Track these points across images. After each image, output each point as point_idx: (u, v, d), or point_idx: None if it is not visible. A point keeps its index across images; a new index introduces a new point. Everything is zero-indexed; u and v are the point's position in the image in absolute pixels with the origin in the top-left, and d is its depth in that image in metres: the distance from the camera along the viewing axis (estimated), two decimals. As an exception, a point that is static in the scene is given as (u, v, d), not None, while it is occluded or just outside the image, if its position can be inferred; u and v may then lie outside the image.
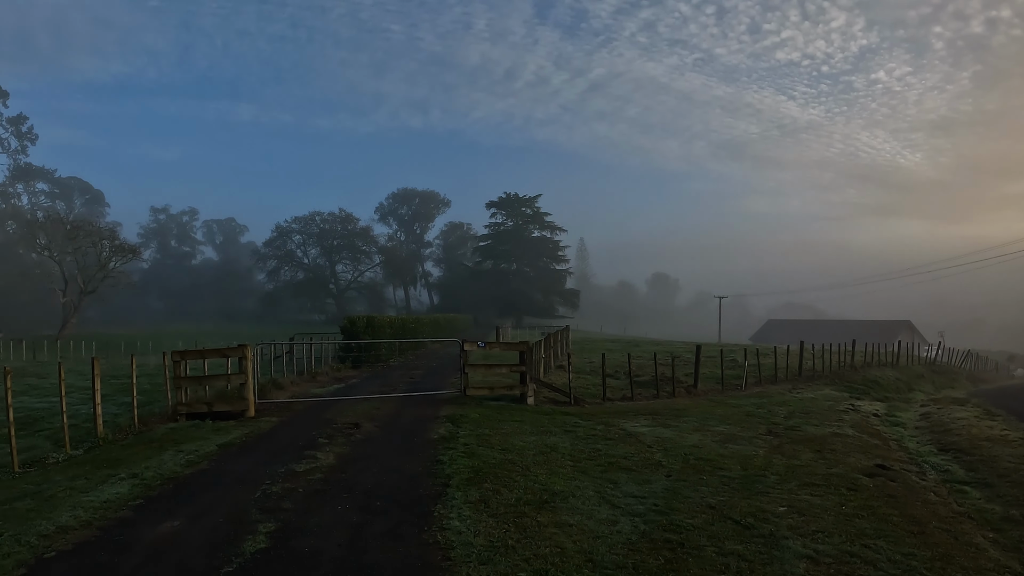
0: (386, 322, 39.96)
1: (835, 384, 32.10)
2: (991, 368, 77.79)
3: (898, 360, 45.99)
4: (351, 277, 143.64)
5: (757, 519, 9.96)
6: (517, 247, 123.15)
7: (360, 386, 25.03)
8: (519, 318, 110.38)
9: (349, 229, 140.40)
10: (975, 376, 61.13)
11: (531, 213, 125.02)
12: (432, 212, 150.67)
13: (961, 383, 50.04)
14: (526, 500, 10.01)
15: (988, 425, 22.51)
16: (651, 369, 26.05)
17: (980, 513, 12.55)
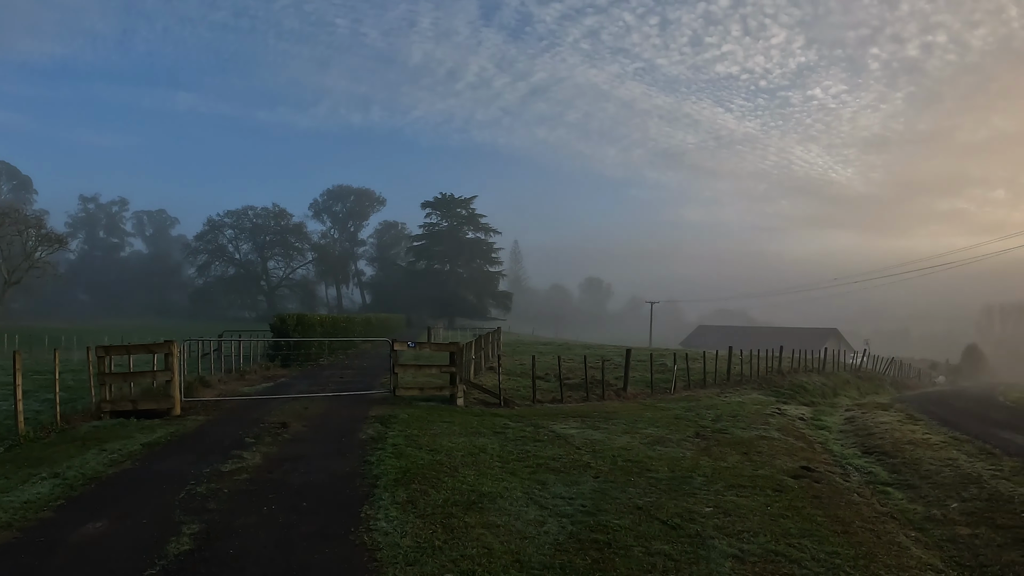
0: (317, 321, 39.58)
1: (763, 389, 32.60)
2: (914, 375, 79.74)
3: (824, 366, 46.92)
4: (283, 274, 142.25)
5: (684, 519, 10.09)
6: (451, 248, 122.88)
7: (290, 385, 24.78)
8: (452, 319, 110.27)
9: (282, 225, 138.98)
10: (899, 383, 62.56)
11: (466, 214, 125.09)
12: (367, 210, 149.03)
13: (885, 389, 51.19)
14: (454, 501, 9.97)
15: (911, 429, 23.02)
16: (581, 372, 26.13)
17: (903, 513, 12.86)
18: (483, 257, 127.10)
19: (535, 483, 11.47)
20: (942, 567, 9.79)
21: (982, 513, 12.79)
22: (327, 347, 37.93)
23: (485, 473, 11.83)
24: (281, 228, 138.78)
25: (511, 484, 11.24)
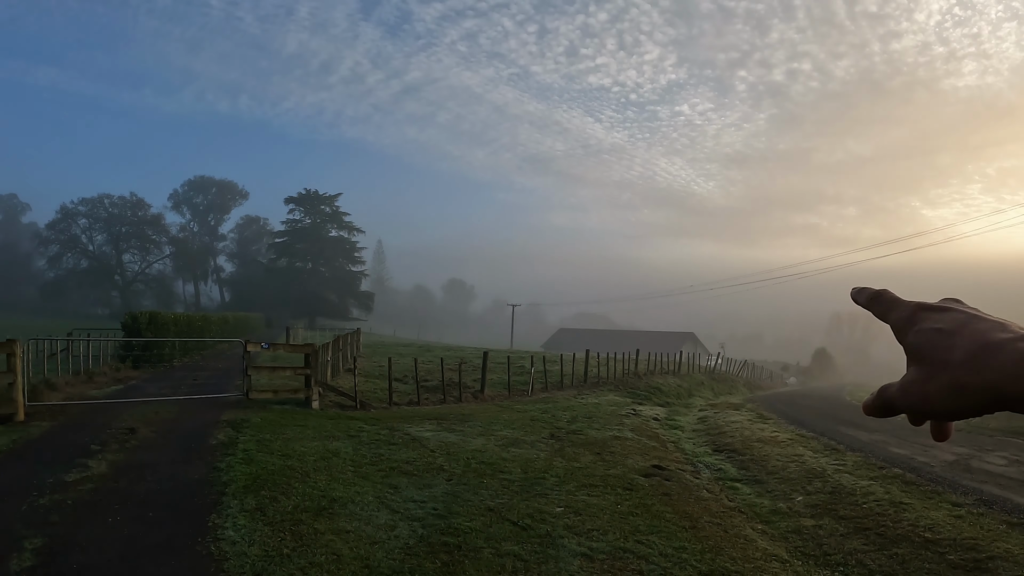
0: (171, 319, 38.30)
1: (619, 390, 33.14)
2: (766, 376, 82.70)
3: (680, 368, 48.13)
4: (139, 269, 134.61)
5: (535, 520, 10.22)
6: (314, 246, 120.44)
7: (140, 388, 23.97)
8: (313, 319, 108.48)
9: (140, 216, 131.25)
10: (752, 384, 64.61)
11: (330, 212, 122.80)
12: (228, 203, 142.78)
13: (739, 390, 52.74)
14: (304, 507, 9.85)
15: (760, 427, 23.74)
16: (440, 374, 26.09)
17: (750, 507, 13.31)
18: (346, 256, 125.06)
19: (388, 487, 11.43)
20: (787, 557, 10.23)
21: (826, 505, 13.42)
22: (181, 348, 36.85)
23: (337, 478, 11.72)
24: (138, 219, 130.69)
25: (363, 488, 11.18)
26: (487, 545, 8.87)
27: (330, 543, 8.44)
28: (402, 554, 8.32)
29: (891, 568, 10.13)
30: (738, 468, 17.32)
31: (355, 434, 15.92)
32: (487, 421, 19.61)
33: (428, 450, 14.79)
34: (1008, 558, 10.21)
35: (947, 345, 0.76)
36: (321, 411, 19.28)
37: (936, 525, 11.90)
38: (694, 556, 9.35)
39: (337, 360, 28.21)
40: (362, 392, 22.34)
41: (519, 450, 15.79)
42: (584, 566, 8.52)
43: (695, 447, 20.32)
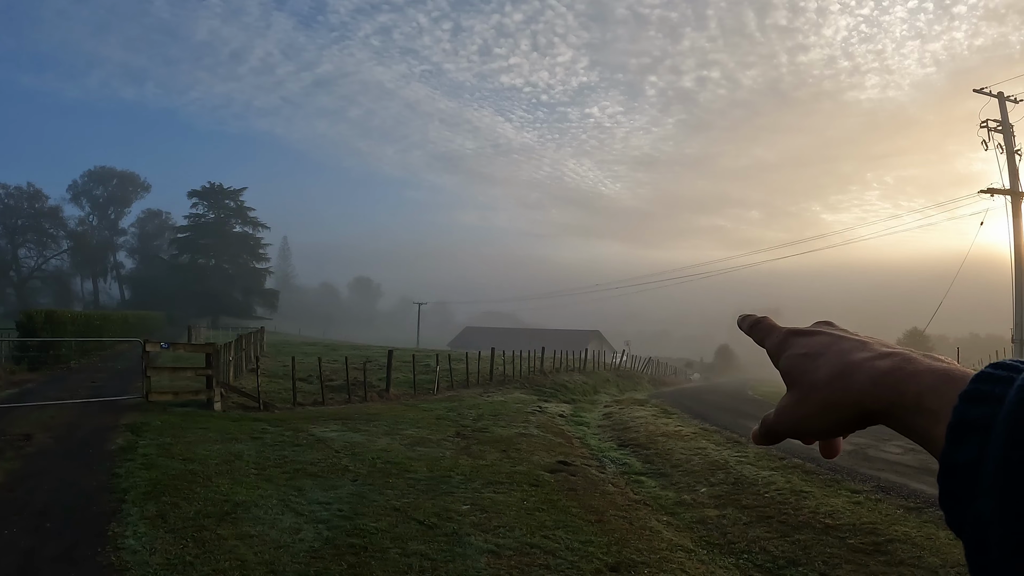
0: (68, 318, 37.13)
1: (525, 388, 33.33)
2: (671, 373, 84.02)
3: (586, 366, 48.47)
4: (35, 264, 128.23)
5: (441, 518, 10.27)
6: (218, 242, 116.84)
7: (37, 392, 23.21)
8: (216, 318, 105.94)
9: (37, 208, 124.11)
10: (657, 380, 65.48)
11: (235, 206, 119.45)
12: (130, 196, 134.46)
13: (644, 386, 53.35)
14: (206, 512, 9.68)
15: (664, 422, 24.06)
16: (345, 373, 25.86)
17: (655, 500, 13.54)
18: (250, 253, 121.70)
19: (292, 489, 11.32)
20: (692, 547, 10.46)
21: (729, 496, 13.76)
22: (80, 348, 35.80)
23: (240, 481, 11.55)
24: (35, 211, 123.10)
25: (267, 492, 11.05)
26: (394, 545, 8.87)
27: (234, 549, 8.32)
28: (308, 557, 8.26)
29: (794, 554, 10.43)
30: (643, 462, 17.58)
31: (258, 436, 15.71)
32: (393, 420, 19.54)
33: (333, 451, 14.69)
34: (906, 540, 10.60)
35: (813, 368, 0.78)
36: (223, 413, 18.91)
37: (836, 512, 12.30)
38: (600, 549, 9.49)
39: (240, 360, 27.74)
40: (266, 393, 22.00)
41: (425, 449, 15.79)
42: (491, 563, 8.57)
43: (600, 443, 20.53)
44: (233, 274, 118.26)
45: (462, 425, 19.80)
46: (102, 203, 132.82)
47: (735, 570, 9.94)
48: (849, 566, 9.86)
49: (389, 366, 28.09)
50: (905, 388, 0.68)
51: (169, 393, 19.68)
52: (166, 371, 21.52)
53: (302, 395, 23.37)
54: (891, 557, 10.04)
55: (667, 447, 19.06)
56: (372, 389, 26.51)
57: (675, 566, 9.41)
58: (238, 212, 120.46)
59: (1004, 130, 36.70)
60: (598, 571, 8.74)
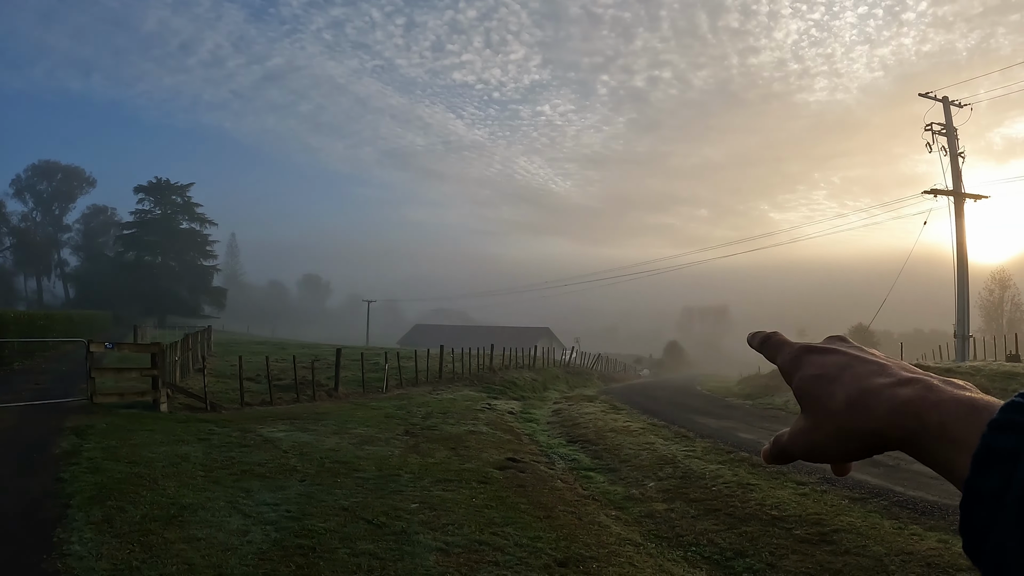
0: (11, 319, 36.37)
1: (475, 385, 33.42)
2: (620, 369, 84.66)
3: (536, 363, 48.61)
4: None
5: (390, 517, 10.28)
6: (164, 239, 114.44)
7: (-23, 395, 22.95)
8: (163, 317, 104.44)
9: None
10: (607, 376, 65.91)
11: (182, 202, 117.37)
12: (75, 191, 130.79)
13: (593, 382, 53.66)
14: (153, 516, 9.53)
15: (613, 418, 24.27)
16: (293, 372, 25.72)
17: (604, 495, 13.68)
18: (197, 250, 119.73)
19: (240, 491, 11.23)
20: (641, 541, 10.62)
21: (677, 490, 13.95)
22: (22, 349, 35.16)
23: (187, 484, 11.41)
24: None
25: (214, 494, 10.94)
26: (342, 545, 8.87)
27: (181, 552, 8.23)
28: (256, 559, 8.21)
29: (741, 545, 10.63)
30: (592, 458, 17.73)
31: (205, 437, 15.50)
32: (341, 419, 19.49)
33: (281, 451, 14.62)
34: (851, 530, 10.86)
35: (829, 392, 0.77)
36: (170, 414, 18.69)
37: (782, 503, 12.54)
38: (549, 544, 9.58)
39: (187, 360, 27.45)
40: (213, 393, 21.79)
41: (374, 448, 15.80)
42: (440, 560, 8.62)
43: (550, 439, 20.67)
44: (180, 272, 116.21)
45: (411, 423, 19.81)
46: (46, 199, 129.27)
47: (683, 562, 10.11)
48: (795, 556, 10.07)
49: (338, 365, 28.05)
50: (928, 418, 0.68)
51: (115, 395, 19.38)
52: (111, 372, 21.20)
53: (250, 395, 23.21)
54: (836, 547, 10.27)
55: (616, 442, 19.25)
56: (321, 388, 26.47)
57: (623, 560, 9.54)
58: (185, 208, 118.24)
59: (948, 133, 37.62)
60: (547, 566, 8.82)
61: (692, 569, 9.88)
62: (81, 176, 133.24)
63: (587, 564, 9.10)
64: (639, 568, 9.34)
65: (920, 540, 10.43)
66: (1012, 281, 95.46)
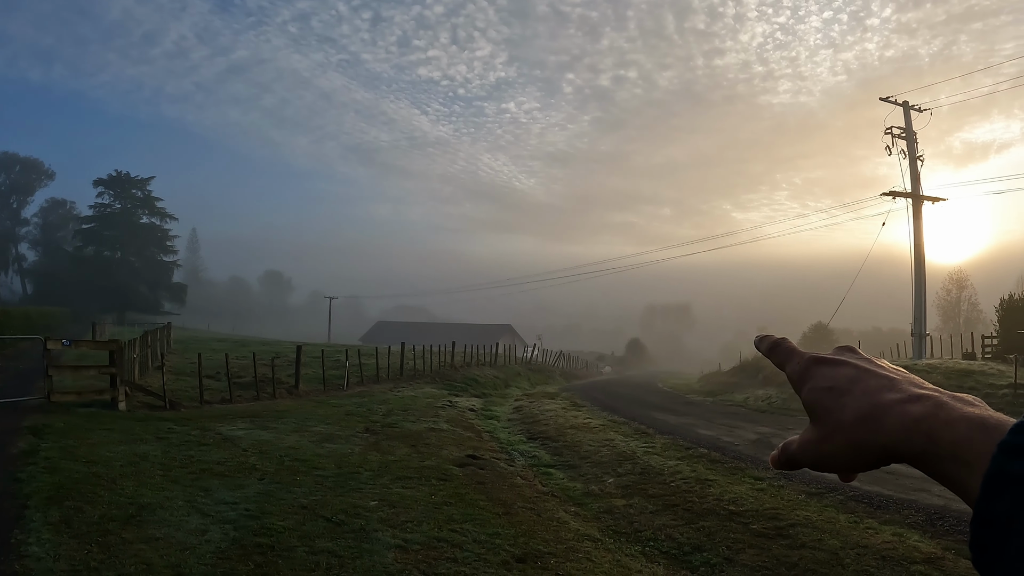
0: (-34, 316, 36.08)
1: (436, 382, 33.47)
2: (582, 366, 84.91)
3: (497, 360, 48.77)
4: None
5: (349, 515, 10.32)
6: (124, 233, 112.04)
7: (-68, 394, 22.65)
8: (123, 313, 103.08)
9: None
10: (568, 373, 66.16)
11: (142, 196, 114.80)
12: (33, 184, 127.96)
13: (555, 380, 53.87)
14: (111, 516, 9.49)
15: (574, 415, 24.42)
16: (253, 370, 25.59)
17: (564, 491, 13.78)
18: (158, 245, 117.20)
19: (199, 490, 11.21)
20: (599, 536, 10.74)
21: (636, 485, 14.10)
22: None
23: (146, 483, 11.37)
24: None
25: (173, 493, 10.92)
26: (301, 544, 8.90)
27: (140, 552, 8.22)
28: (214, 559, 8.23)
29: (699, 540, 10.79)
30: (552, 454, 17.84)
31: (164, 436, 15.41)
32: (301, 417, 19.47)
33: (240, 449, 14.59)
34: (807, 524, 11.04)
35: (839, 405, 0.78)
36: (129, 413, 18.52)
37: (740, 498, 12.72)
38: (507, 541, 9.67)
39: (146, 357, 27.23)
40: (172, 391, 21.61)
41: (334, 445, 15.80)
42: (399, 558, 8.68)
43: (510, 436, 20.76)
44: (140, 268, 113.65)
45: (371, 420, 19.81)
46: (4, 191, 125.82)
47: (641, 557, 10.24)
48: (752, 550, 10.22)
49: (298, 362, 27.96)
50: (939, 437, 0.69)
51: (72, 393, 19.16)
52: (69, 370, 20.94)
53: (209, 393, 23.07)
54: (793, 540, 10.44)
55: (576, 439, 19.37)
56: (281, 386, 26.33)
57: (582, 555, 9.65)
58: (146, 202, 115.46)
59: (908, 137, 38.29)
60: (505, 563, 8.91)
61: (650, 564, 10.01)
62: (40, 168, 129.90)
63: (545, 560, 9.20)
64: (597, 563, 9.46)
65: (875, 534, 10.65)
66: (969, 282, 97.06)
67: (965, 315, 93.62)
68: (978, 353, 36.74)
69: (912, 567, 9.20)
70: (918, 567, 9.19)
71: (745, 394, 34.79)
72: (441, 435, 18.41)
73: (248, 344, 49.49)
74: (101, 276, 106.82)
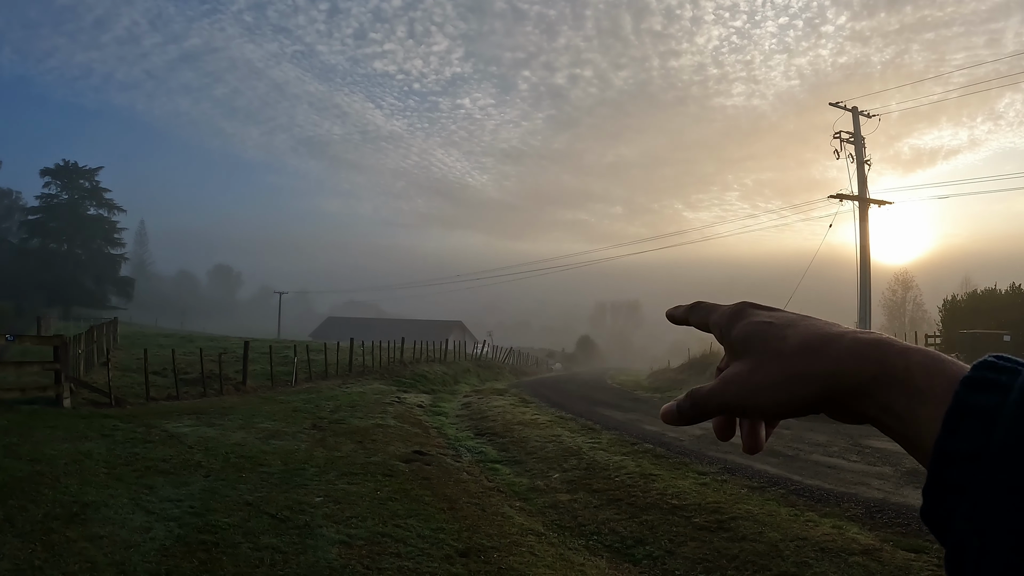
0: (-95, 311, 35.36)
1: (385, 379, 33.50)
2: (533, 363, 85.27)
3: (447, 356, 48.92)
4: None
5: (294, 511, 10.38)
6: (70, 225, 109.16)
7: None
8: (68, 308, 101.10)
9: None
10: (518, 370, 66.40)
11: (90, 187, 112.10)
12: None
13: (505, 376, 54.07)
14: (55, 515, 9.44)
15: (522, 411, 24.61)
16: (200, 366, 25.44)
17: (509, 486, 13.93)
18: (104, 237, 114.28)
19: (143, 487, 11.17)
20: (543, 531, 10.91)
21: (581, 480, 14.28)
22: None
23: (90, 481, 11.29)
24: None
25: (117, 491, 10.86)
26: (245, 540, 8.96)
27: (83, 551, 8.22)
28: (158, 556, 8.25)
29: (641, 533, 11.02)
30: (499, 450, 18.00)
31: (109, 433, 15.20)
32: (248, 414, 19.41)
33: (186, 446, 14.49)
34: (748, 517, 11.31)
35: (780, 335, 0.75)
36: (73, 410, 18.25)
37: (683, 493, 12.98)
38: (451, 536, 9.81)
39: (91, 353, 26.91)
40: (117, 388, 21.32)
41: (280, 442, 15.79)
42: (342, 553, 8.78)
43: (458, 432, 20.88)
44: (86, 261, 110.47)
45: (319, 417, 19.82)
46: None
47: (584, 551, 10.42)
48: (694, 543, 10.46)
49: (245, 358, 27.85)
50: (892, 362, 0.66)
51: (16, 390, 18.81)
52: (12, 366, 20.63)
53: (155, 389, 22.86)
54: (734, 533, 10.70)
55: (523, 435, 19.55)
56: (228, 382, 26.18)
57: (524, 549, 9.80)
58: (93, 193, 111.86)
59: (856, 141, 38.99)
60: (448, 557, 9.05)
61: (593, 557, 10.21)
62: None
63: (488, 554, 9.36)
64: (540, 557, 9.63)
65: (815, 526, 10.94)
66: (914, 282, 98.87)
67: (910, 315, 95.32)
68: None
69: (850, 558, 9.47)
70: (856, 558, 9.45)
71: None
72: (388, 431, 18.46)
73: (195, 340, 49.05)
74: (46, 269, 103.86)
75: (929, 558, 9.37)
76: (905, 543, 10.01)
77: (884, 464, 15.45)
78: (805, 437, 18.48)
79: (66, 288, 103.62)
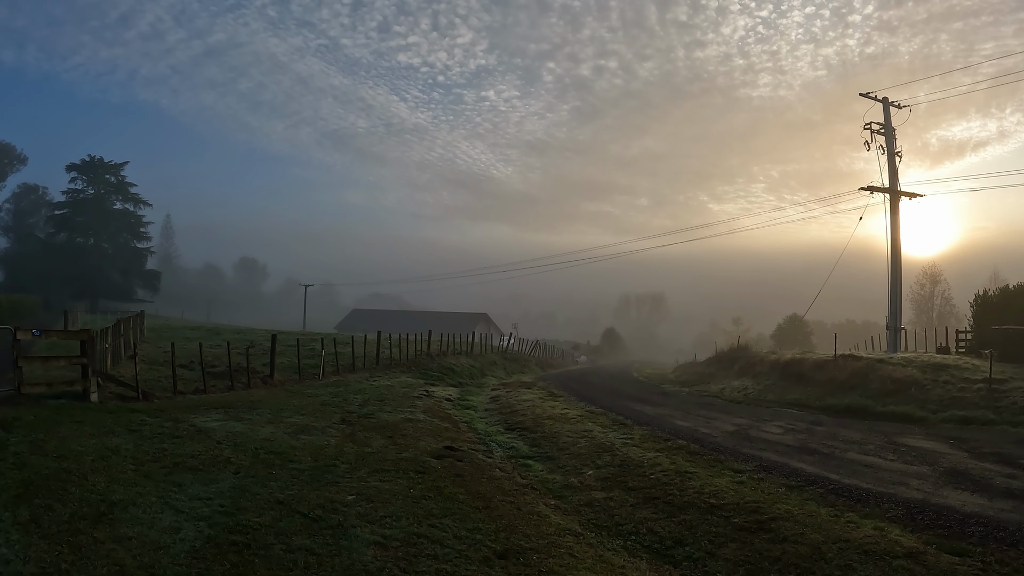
0: (-66, 303, 35.41)
1: (412, 372, 33.36)
2: (558, 355, 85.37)
3: (473, 349, 48.83)
4: None
5: (326, 510, 10.16)
6: (97, 220, 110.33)
7: (-102, 385, 22.20)
8: (95, 301, 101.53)
9: None
10: (544, 362, 66.31)
11: (116, 182, 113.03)
12: (5, 170, 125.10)
13: (531, 369, 53.98)
14: (82, 514, 9.19)
15: (551, 405, 24.36)
16: (227, 359, 25.27)
17: (543, 483, 13.70)
18: (131, 231, 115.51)
19: (172, 485, 10.94)
20: (580, 530, 10.64)
21: (615, 478, 14.02)
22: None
23: (117, 478, 11.05)
24: None
25: (145, 488, 10.62)
26: (278, 541, 8.72)
27: (111, 552, 7.96)
28: (188, 558, 8.00)
29: (680, 533, 10.73)
30: (530, 446, 17.75)
31: (136, 428, 15.01)
32: (276, 408, 19.23)
33: (214, 442, 14.27)
34: (788, 518, 10.98)
35: None
36: (100, 404, 18.10)
37: (720, 491, 12.66)
38: (488, 536, 9.55)
39: (118, 346, 26.86)
40: (145, 381, 21.26)
41: (309, 437, 15.59)
42: (378, 555, 8.52)
43: (487, 426, 20.67)
44: (112, 254, 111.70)
45: (347, 411, 19.66)
46: None
47: (624, 552, 10.15)
48: (734, 544, 10.17)
49: (273, 351, 27.73)
50: None
51: (43, 384, 18.69)
52: (39, 361, 20.50)
53: (183, 383, 22.73)
54: (775, 535, 10.38)
55: (554, 430, 19.29)
56: (255, 375, 26.05)
57: (563, 550, 9.54)
58: (119, 188, 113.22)
59: (886, 133, 38.60)
60: (486, 559, 8.79)
61: (632, 559, 9.93)
62: (12, 153, 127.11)
63: (527, 555, 9.09)
64: (580, 559, 9.36)
65: (856, 528, 10.59)
66: (943, 276, 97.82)
67: (939, 309, 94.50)
68: (952, 348, 36.98)
69: (895, 562, 9.16)
70: (900, 562, 9.14)
71: (721, 384, 34.91)
72: (418, 426, 18.26)
73: (222, 332, 49.11)
74: (73, 263, 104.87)
75: (973, 562, 9.08)
76: (949, 546, 9.66)
77: (921, 463, 15.04)
78: (839, 434, 18.18)
79: (93, 282, 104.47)
